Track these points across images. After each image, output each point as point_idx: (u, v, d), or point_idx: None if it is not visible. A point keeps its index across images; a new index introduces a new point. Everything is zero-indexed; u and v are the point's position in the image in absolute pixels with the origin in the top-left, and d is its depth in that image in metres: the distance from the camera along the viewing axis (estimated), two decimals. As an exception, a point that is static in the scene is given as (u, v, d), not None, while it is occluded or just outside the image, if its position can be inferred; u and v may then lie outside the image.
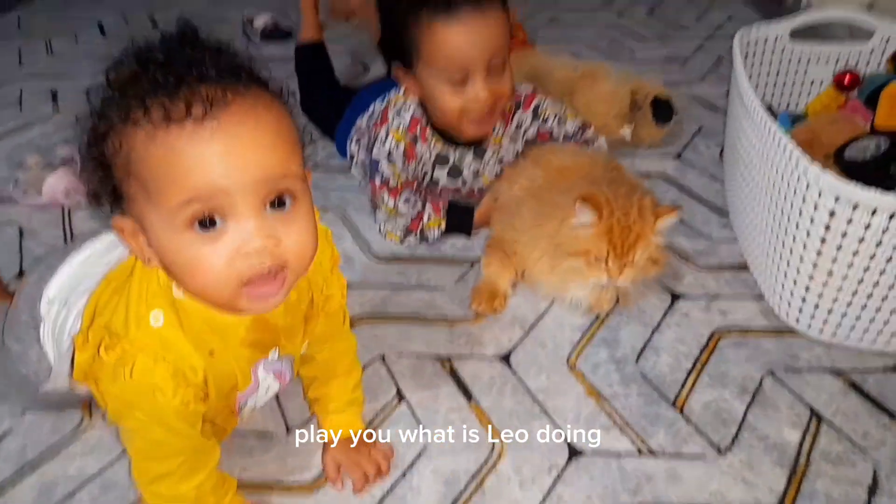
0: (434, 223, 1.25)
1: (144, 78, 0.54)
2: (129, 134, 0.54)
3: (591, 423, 0.93)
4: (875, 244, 0.89)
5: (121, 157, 0.55)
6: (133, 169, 0.55)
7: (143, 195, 0.55)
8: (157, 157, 0.53)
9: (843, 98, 1.34)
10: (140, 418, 0.64)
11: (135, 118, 0.53)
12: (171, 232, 0.55)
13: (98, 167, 0.57)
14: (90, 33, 2.18)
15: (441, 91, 1.11)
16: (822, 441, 0.91)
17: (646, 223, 1.01)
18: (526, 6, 2.31)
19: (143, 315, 0.62)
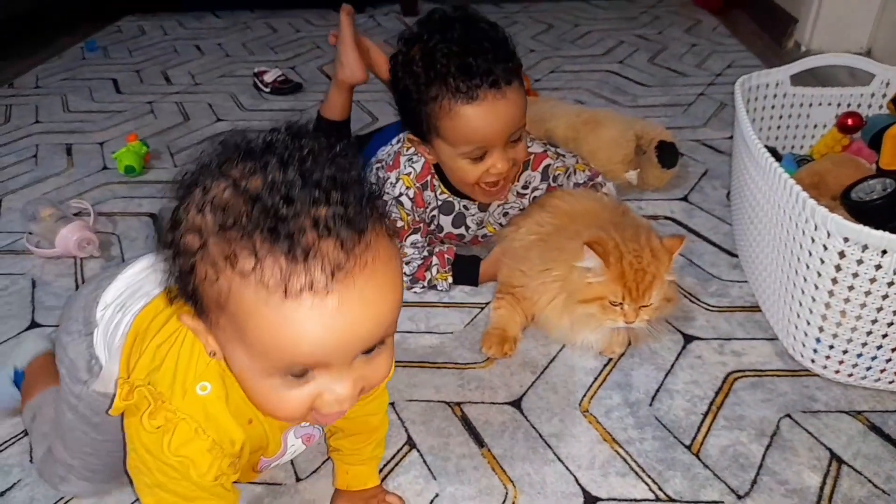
0: (441, 277, 1.25)
1: (254, 217, 0.48)
2: (232, 279, 0.49)
3: (606, 469, 0.92)
4: (887, 284, 0.89)
5: (215, 292, 0.50)
6: (230, 310, 0.50)
7: (235, 335, 0.52)
8: (264, 321, 0.49)
9: (846, 140, 1.35)
10: (170, 468, 0.63)
11: (242, 269, 0.48)
12: (258, 373, 0.53)
13: (180, 275, 0.52)
14: (105, 90, 2.24)
15: (458, 163, 1.13)
16: (844, 485, 0.88)
17: (661, 263, 1.01)
18: (529, 56, 2.36)
19: (190, 383, 0.61)
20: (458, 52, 1.05)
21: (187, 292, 0.53)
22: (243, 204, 0.48)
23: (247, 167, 0.50)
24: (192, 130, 1.92)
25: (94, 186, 1.66)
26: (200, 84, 2.26)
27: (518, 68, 1.11)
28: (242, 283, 0.48)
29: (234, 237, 0.48)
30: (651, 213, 1.47)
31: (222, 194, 0.50)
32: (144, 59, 2.50)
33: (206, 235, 0.49)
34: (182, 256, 0.52)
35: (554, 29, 2.66)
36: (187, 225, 0.51)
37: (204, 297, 0.52)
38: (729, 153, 1.63)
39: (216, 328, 0.54)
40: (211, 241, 0.49)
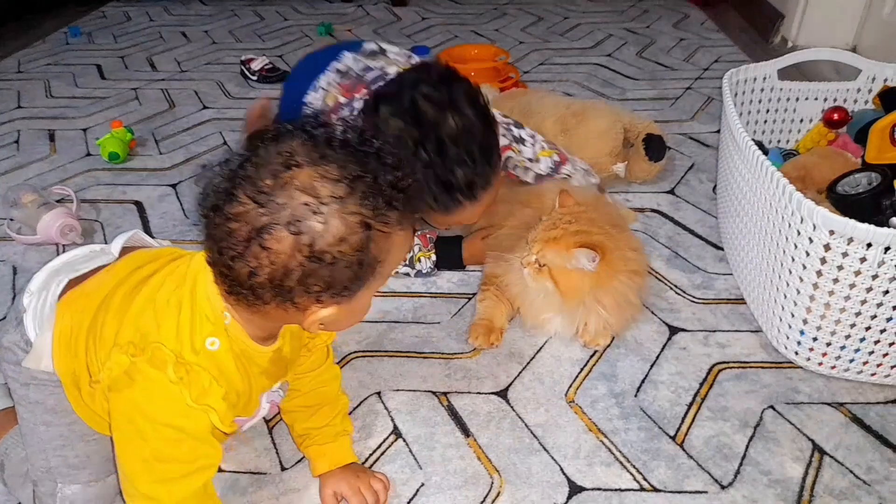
0: (424, 254, 1.25)
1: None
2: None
3: (591, 459, 0.92)
4: (871, 277, 0.89)
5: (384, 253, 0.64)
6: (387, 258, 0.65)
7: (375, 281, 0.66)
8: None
9: (832, 134, 1.36)
10: (174, 430, 0.66)
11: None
12: (370, 295, 0.68)
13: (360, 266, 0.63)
14: (89, 76, 2.20)
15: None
16: (826, 475, 0.89)
17: (568, 237, 1.03)
18: (518, 47, 2.36)
19: (199, 340, 0.67)
20: (438, 165, 1.01)
21: (356, 286, 0.64)
22: None
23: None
24: (177, 118, 1.90)
25: (77, 173, 1.63)
26: (186, 71, 2.24)
27: (498, 161, 1.09)
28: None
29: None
30: (638, 205, 1.47)
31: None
32: (130, 45, 2.47)
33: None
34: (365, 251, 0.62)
35: (543, 21, 2.66)
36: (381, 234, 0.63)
37: (376, 258, 0.64)
38: (716, 147, 1.63)
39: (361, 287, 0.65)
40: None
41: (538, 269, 1.05)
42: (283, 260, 0.60)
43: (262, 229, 0.59)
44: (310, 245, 0.59)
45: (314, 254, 0.60)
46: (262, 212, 0.59)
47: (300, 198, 0.59)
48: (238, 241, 0.60)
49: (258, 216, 0.59)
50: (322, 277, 0.61)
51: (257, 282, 0.61)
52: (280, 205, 0.59)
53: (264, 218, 0.59)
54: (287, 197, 0.59)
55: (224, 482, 0.89)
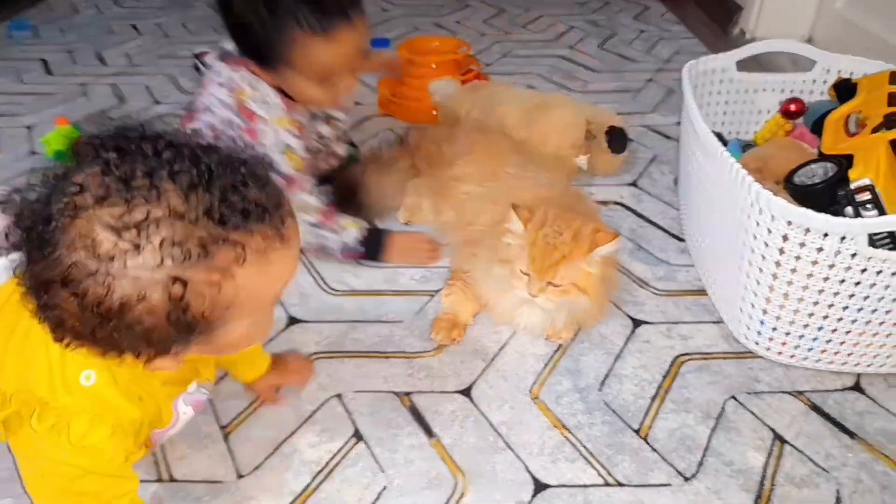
0: (354, 225, 1.21)
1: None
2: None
3: (556, 455, 0.91)
4: (828, 266, 0.90)
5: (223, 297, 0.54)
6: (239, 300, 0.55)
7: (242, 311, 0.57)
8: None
9: (790, 125, 1.38)
10: (72, 467, 0.62)
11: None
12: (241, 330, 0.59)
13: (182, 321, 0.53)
14: (34, 71, 2.12)
15: (308, 87, 1.11)
16: (786, 464, 0.90)
17: (577, 247, 1.00)
18: (480, 39, 2.34)
19: (71, 377, 0.60)
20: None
21: (188, 327, 0.54)
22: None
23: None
24: (127, 114, 1.84)
25: (21, 172, 1.56)
26: (138, 65, 2.16)
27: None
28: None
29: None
30: (601, 198, 1.47)
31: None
32: (77, 39, 2.38)
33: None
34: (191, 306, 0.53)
35: (505, 13, 2.64)
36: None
37: (207, 314, 0.54)
38: (677, 139, 1.64)
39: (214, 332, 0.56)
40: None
41: (563, 291, 1.01)
42: (74, 319, 0.52)
43: (45, 284, 0.52)
44: (95, 306, 0.50)
45: (104, 316, 0.51)
46: (41, 266, 0.51)
47: (74, 254, 0.50)
48: (31, 290, 0.53)
49: (39, 269, 0.51)
50: (130, 337, 0.53)
51: (71, 335, 0.54)
52: (55, 259, 0.50)
53: (44, 272, 0.51)
54: (61, 249, 0.50)
55: (177, 492, 0.86)
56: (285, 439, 0.93)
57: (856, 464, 0.90)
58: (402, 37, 2.34)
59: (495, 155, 1.32)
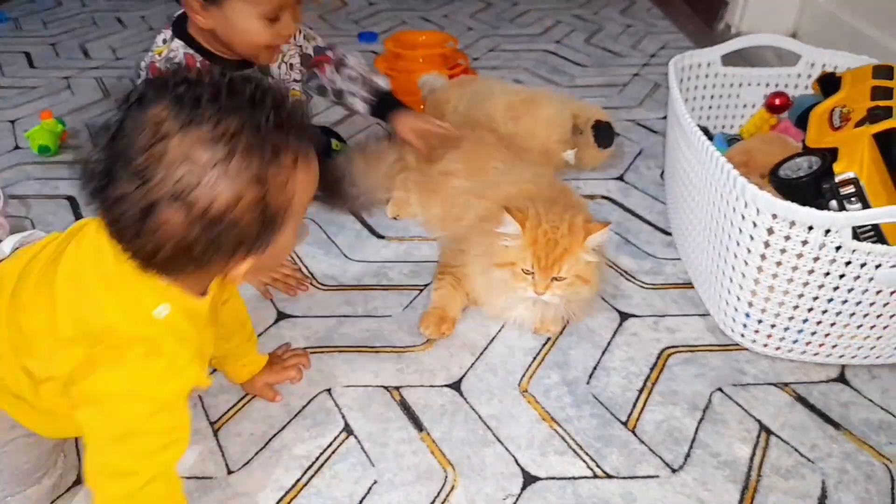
0: None
1: None
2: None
3: (545, 448, 0.92)
4: (812, 259, 0.91)
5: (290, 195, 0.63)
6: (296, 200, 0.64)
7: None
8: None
9: (774, 119, 1.39)
10: (148, 402, 0.66)
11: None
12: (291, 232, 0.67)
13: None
14: (17, 64, 2.09)
15: (251, 26, 1.11)
16: (773, 455, 0.91)
17: (574, 238, 1.01)
18: (467, 34, 2.34)
19: (146, 311, 0.65)
20: None
21: (267, 239, 0.63)
22: None
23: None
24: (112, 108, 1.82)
25: (4, 167, 1.55)
26: (122, 59, 2.14)
27: None
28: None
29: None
30: (588, 192, 1.48)
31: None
32: (61, 32, 2.35)
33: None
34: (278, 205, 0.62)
35: (492, 7, 2.64)
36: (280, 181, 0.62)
37: (282, 208, 0.63)
38: (663, 133, 1.65)
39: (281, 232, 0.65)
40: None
41: (567, 285, 1.01)
42: (180, 233, 0.59)
43: (149, 208, 0.58)
44: (203, 214, 0.58)
45: (211, 221, 0.59)
46: (143, 190, 0.57)
47: (178, 170, 0.57)
48: (131, 222, 0.59)
49: (141, 197, 0.57)
50: (228, 239, 0.61)
51: (165, 256, 0.60)
52: (159, 179, 0.57)
53: (149, 196, 0.57)
54: (164, 169, 0.57)
55: (168, 488, 0.86)
56: (275, 435, 0.93)
57: (840, 454, 0.91)
58: (390, 30, 2.34)
59: (482, 150, 1.32)
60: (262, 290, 1.17)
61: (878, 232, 0.98)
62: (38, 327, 0.68)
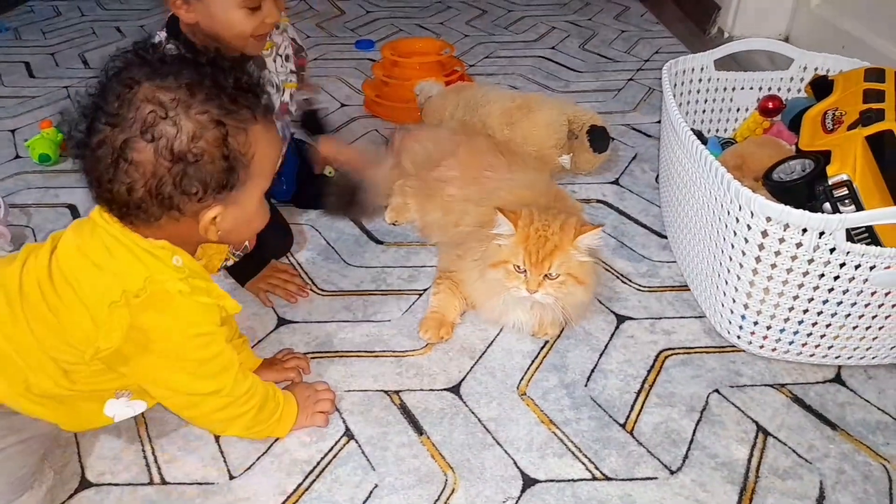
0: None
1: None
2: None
3: (544, 451, 0.92)
4: (807, 261, 0.92)
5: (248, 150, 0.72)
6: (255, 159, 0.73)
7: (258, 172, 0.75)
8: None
9: (767, 123, 1.40)
10: (201, 336, 0.77)
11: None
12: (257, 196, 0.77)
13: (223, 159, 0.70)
14: (17, 73, 2.10)
15: (233, 17, 1.11)
16: (770, 456, 0.92)
17: (565, 236, 1.02)
18: (463, 41, 2.35)
19: (165, 261, 0.74)
20: None
21: (233, 182, 0.72)
22: None
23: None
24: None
25: (5, 176, 1.56)
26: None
27: None
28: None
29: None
30: (584, 196, 1.49)
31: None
32: (60, 42, 2.36)
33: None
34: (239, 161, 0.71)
35: (488, 14, 2.66)
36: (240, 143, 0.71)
37: (242, 154, 0.72)
38: (657, 137, 1.66)
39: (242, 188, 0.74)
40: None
41: (560, 283, 1.02)
42: (150, 169, 0.68)
43: (123, 146, 0.67)
44: (169, 148, 0.67)
45: (176, 155, 0.67)
46: (117, 131, 0.67)
47: (146, 108, 0.67)
48: (107, 165, 0.68)
49: (115, 136, 0.67)
50: (194, 178, 0.69)
51: (138, 197, 0.69)
52: (130, 119, 0.67)
53: (121, 135, 0.67)
54: (134, 111, 0.67)
55: (169, 494, 0.86)
56: (276, 440, 0.93)
57: (838, 455, 0.92)
58: (386, 38, 2.36)
59: (479, 156, 1.33)
60: (263, 298, 1.18)
61: (871, 234, 0.99)
62: (68, 314, 0.74)
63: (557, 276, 1.02)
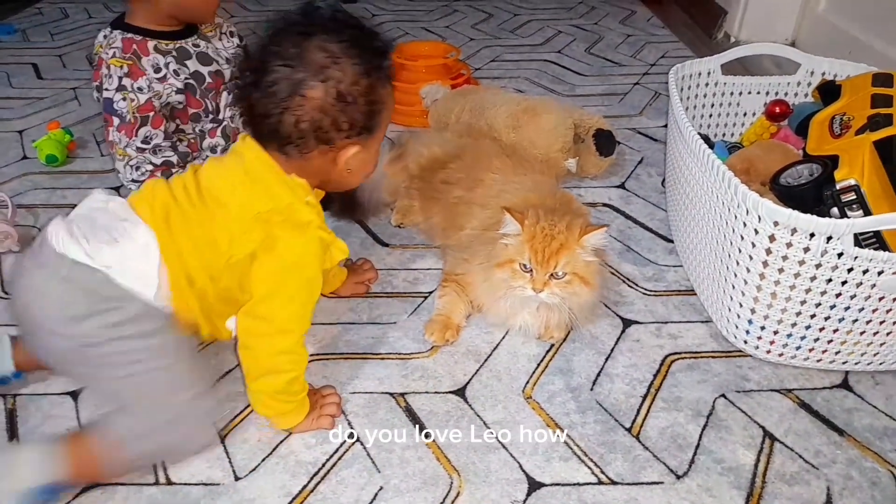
0: None
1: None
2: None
3: (549, 455, 0.92)
4: (815, 266, 0.92)
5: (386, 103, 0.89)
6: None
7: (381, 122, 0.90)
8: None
9: (774, 127, 1.40)
10: (312, 280, 0.89)
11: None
12: (377, 145, 0.93)
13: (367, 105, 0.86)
14: (24, 75, 2.11)
15: None
16: (777, 461, 0.92)
17: (570, 235, 1.02)
18: (469, 44, 2.36)
19: (302, 197, 0.88)
20: None
21: (371, 127, 0.88)
22: None
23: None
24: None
25: (12, 177, 1.56)
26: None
27: None
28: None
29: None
30: (589, 200, 1.49)
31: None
32: (68, 44, 2.37)
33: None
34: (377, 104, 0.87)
35: (494, 18, 2.66)
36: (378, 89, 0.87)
37: (381, 102, 0.88)
38: (663, 141, 1.66)
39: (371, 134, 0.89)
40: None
41: (566, 283, 1.02)
42: (318, 104, 0.82)
43: (299, 83, 0.81)
44: (336, 88, 0.82)
45: (339, 96, 0.82)
46: (294, 71, 0.81)
47: (320, 55, 0.81)
48: (281, 98, 0.81)
49: (293, 75, 0.81)
50: (347, 116, 0.83)
51: (302, 129, 0.83)
52: (307, 63, 0.80)
53: (298, 75, 0.81)
54: (311, 56, 0.81)
55: (175, 495, 0.86)
56: (282, 441, 0.94)
57: (845, 461, 0.92)
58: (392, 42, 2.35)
59: (484, 159, 1.33)
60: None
61: (879, 239, 0.99)
62: (215, 222, 0.87)
63: (563, 275, 1.02)
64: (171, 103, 1.26)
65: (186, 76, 1.27)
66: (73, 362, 0.86)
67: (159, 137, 1.25)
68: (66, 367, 0.90)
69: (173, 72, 1.25)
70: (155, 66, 1.24)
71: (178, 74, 1.25)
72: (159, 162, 1.25)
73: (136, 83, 1.22)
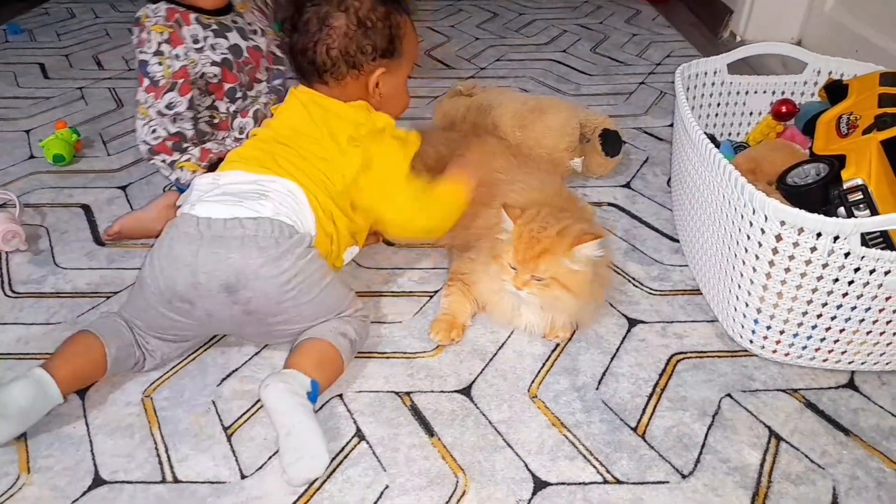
0: (191, 167, 1.28)
1: None
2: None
3: (555, 454, 0.92)
4: (821, 266, 0.92)
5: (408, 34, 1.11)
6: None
7: (406, 57, 1.12)
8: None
9: (781, 126, 1.40)
10: (405, 167, 1.10)
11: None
12: (404, 76, 1.14)
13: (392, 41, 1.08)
14: (31, 75, 2.12)
15: None
16: (782, 461, 0.91)
17: (559, 242, 1.02)
18: (474, 44, 2.36)
19: (370, 110, 1.09)
20: None
21: (392, 50, 1.08)
22: None
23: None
24: (125, 117, 1.84)
25: (19, 176, 1.57)
26: (134, 69, 2.15)
27: None
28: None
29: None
30: (595, 199, 1.49)
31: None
32: (74, 43, 2.38)
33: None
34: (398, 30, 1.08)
35: (499, 17, 2.66)
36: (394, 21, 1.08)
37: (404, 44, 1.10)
38: (669, 140, 1.66)
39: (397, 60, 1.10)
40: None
41: (545, 286, 1.03)
42: (343, 31, 1.02)
43: (325, 15, 1.02)
44: (356, 15, 1.02)
45: (359, 21, 1.02)
46: (320, 7, 1.02)
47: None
48: (313, 32, 1.03)
49: (320, 10, 1.02)
50: (370, 39, 1.04)
51: (334, 55, 1.04)
52: (339, 2, 1.02)
53: (324, 8, 1.02)
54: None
55: (181, 493, 0.87)
56: (287, 440, 0.94)
57: (851, 461, 0.92)
58: None
59: (489, 158, 1.33)
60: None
61: (886, 238, 0.99)
62: (320, 162, 1.04)
63: (542, 279, 1.02)
64: (205, 75, 1.27)
65: (223, 50, 1.28)
66: (271, 303, 0.96)
67: (182, 106, 1.26)
68: (251, 317, 0.98)
69: (211, 46, 1.27)
70: (194, 36, 1.26)
71: (215, 49, 1.27)
72: (173, 131, 1.26)
73: (175, 50, 1.24)
